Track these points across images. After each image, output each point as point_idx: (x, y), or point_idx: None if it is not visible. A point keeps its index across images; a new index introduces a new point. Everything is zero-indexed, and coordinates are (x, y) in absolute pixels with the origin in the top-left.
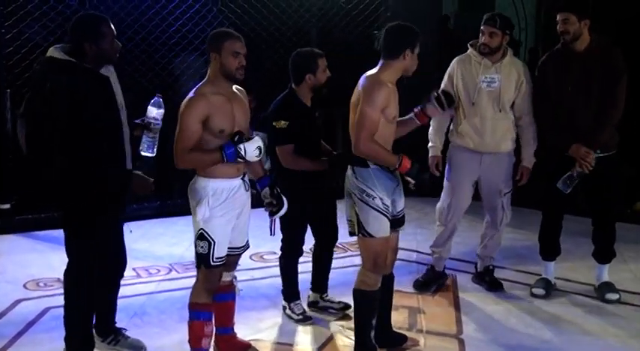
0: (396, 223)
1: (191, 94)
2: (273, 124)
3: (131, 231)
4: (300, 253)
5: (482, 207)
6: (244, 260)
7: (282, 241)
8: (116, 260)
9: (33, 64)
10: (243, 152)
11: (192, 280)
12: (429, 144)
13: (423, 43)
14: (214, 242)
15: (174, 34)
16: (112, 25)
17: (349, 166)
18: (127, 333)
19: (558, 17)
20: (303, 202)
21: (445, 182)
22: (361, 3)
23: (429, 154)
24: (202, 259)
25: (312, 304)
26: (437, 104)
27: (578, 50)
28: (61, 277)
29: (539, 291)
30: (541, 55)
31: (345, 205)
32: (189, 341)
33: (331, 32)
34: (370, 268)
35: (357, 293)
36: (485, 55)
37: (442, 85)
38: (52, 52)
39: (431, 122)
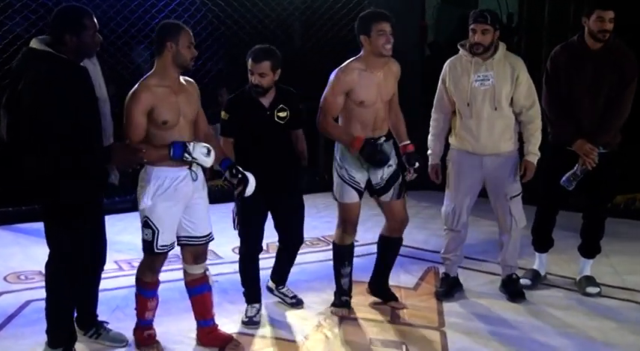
0: (379, 192)
1: (135, 87)
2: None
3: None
4: (255, 250)
5: (486, 205)
6: (228, 254)
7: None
8: (97, 252)
9: (14, 55)
10: (191, 149)
11: (175, 274)
12: (428, 151)
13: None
14: (158, 230)
15: (156, 27)
16: (95, 19)
17: None
18: (109, 326)
19: (605, 15)
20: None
21: (447, 185)
22: None
23: (429, 162)
24: (147, 246)
25: (268, 290)
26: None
27: (594, 48)
28: (43, 269)
29: (526, 281)
30: (524, 49)
31: None
32: (136, 311)
33: (315, 25)
34: (338, 225)
35: (333, 245)
36: (478, 54)
37: (436, 97)
38: (34, 43)
39: (430, 127)
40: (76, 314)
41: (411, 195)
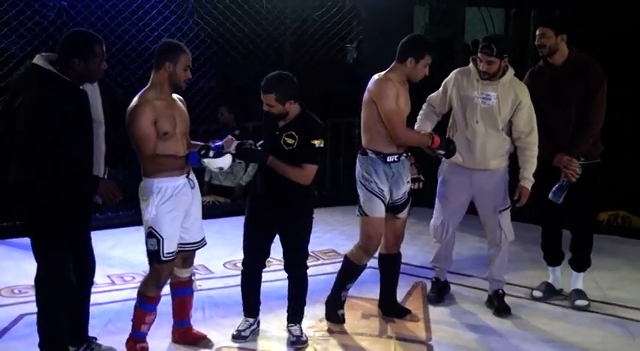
0: (395, 209)
1: (135, 102)
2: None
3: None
4: (253, 264)
5: (472, 220)
6: (218, 268)
7: None
8: (84, 269)
9: (9, 73)
10: (206, 161)
11: (166, 288)
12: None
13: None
14: (162, 238)
15: (150, 45)
16: (104, 47)
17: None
18: (100, 341)
19: (537, 32)
20: (257, 212)
21: (437, 199)
22: (334, 16)
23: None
24: (153, 256)
25: None
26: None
27: (557, 64)
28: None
29: (538, 293)
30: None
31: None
32: (132, 321)
33: (305, 45)
34: (361, 245)
35: (345, 258)
36: (485, 79)
37: (433, 94)
38: (37, 59)
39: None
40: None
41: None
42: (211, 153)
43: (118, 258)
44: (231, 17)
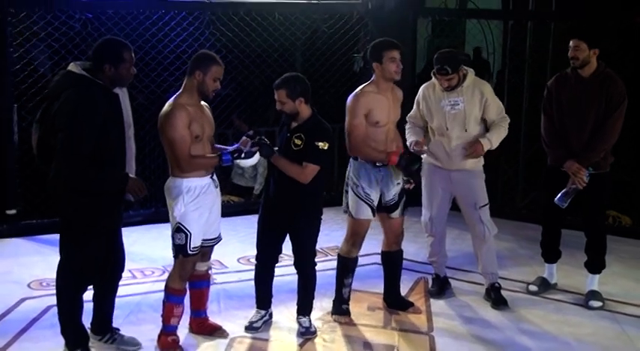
0: (389, 209)
1: (169, 106)
2: None
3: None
4: (265, 260)
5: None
6: (232, 263)
7: None
8: (114, 264)
9: (39, 81)
10: (239, 162)
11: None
12: (408, 140)
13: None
14: (190, 234)
15: (169, 55)
16: (133, 53)
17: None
18: (122, 331)
19: (571, 43)
20: (268, 211)
21: (423, 198)
22: (342, 28)
23: (409, 142)
24: (180, 249)
25: None
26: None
27: (584, 76)
28: None
29: (533, 287)
30: (507, 76)
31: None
32: (162, 317)
33: (315, 54)
34: (347, 239)
35: (338, 256)
36: (449, 91)
37: (411, 112)
38: (72, 66)
39: (405, 131)
40: (92, 321)
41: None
42: (243, 155)
43: (139, 253)
44: (246, 29)
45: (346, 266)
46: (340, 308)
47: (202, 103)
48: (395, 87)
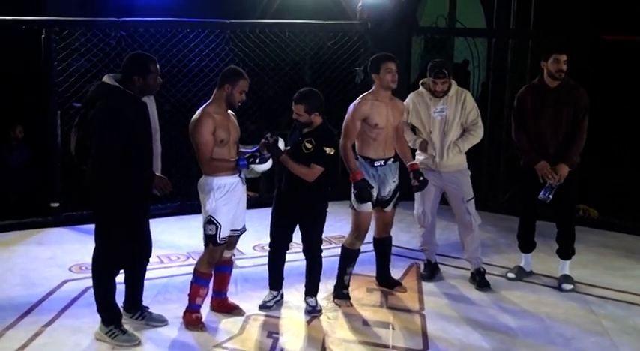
0: (383, 204)
1: (198, 114)
2: None
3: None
4: (278, 247)
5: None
6: (248, 250)
7: None
8: (143, 250)
9: (79, 91)
10: (253, 167)
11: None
12: (417, 153)
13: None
14: (220, 226)
15: (193, 68)
16: (158, 65)
17: None
18: (151, 309)
19: (561, 58)
20: (280, 206)
21: (416, 193)
22: (345, 45)
23: (419, 144)
24: (211, 239)
25: None
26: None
27: (552, 87)
28: None
29: (512, 275)
30: (491, 87)
31: None
32: (188, 296)
33: (321, 67)
34: (352, 233)
35: (342, 247)
36: (440, 97)
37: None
38: (106, 78)
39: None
40: (125, 300)
41: (399, 205)
42: (257, 160)
43: (166, 241)
44: (260, 45)
45: (349, 257)
46: (341, 293)
47: (229, 111)
48: (396, 98)
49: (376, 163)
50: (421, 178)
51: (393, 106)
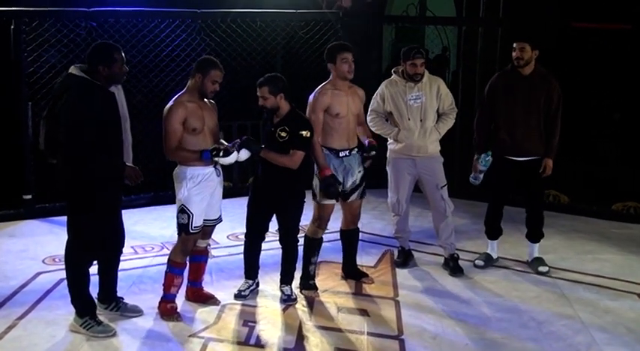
0: (347, 195)
1: (171, 102)
2: None
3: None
4: (252, 237)
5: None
6: (223, 239)
7: None
8: (116, 241)
9: (50, 82)
10: (217, 159)
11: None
12: (381, 130)
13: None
14: (192, 214)
15: (164, 58)
16: (123, 53)
17: None
18: (126, 300)
19: (516, 45)
20: (256, 196)
21: (389, 181)
22: (317, 34)
23: (390, 136)
24: (183, 228)
25: None
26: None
27: (525, 74)
28: None
29: (480, 262)
30: (461, 76)
31: None
32: (163, 286)
33: (293, 57)
34: (313, 221)
35: (305, 236)
36: (418, 81)
37: (374, 105)
38: (72, 69)
39: (372, 124)
40: (98, 292)
41: (371, 193)
42: (222, 153)
43: (140, 232)
44: (232, 35)
45: (312, 246)
46: (308, 284)
47: (207, 101)
48: (356, 87)
49: (341, 154)
50: (372, 153)
51: (353, 93)
